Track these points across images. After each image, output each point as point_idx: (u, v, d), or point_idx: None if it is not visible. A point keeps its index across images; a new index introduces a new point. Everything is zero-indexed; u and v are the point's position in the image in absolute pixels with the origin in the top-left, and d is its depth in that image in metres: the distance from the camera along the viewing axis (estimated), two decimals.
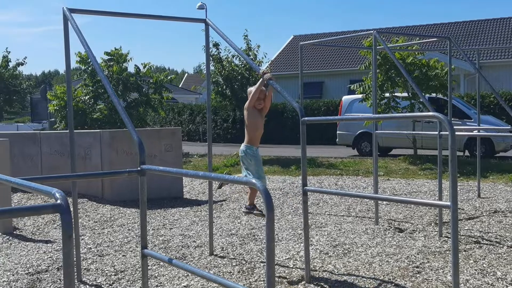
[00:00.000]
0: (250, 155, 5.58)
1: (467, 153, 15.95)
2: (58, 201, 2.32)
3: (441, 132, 6.32)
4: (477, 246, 5.95)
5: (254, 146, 5.62)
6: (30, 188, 2.64)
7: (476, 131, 10.22)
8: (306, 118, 4.52)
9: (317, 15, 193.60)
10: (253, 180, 2.83)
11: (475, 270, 5.06)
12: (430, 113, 3.65)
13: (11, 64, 24.08)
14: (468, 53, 27.33)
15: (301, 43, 8.34)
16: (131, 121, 4.16)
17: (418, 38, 13.84)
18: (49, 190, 2.42)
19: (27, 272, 5.31)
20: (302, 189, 4.74)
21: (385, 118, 5.04)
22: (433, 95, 14.80)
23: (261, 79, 5.43)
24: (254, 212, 5.72)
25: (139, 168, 3.80)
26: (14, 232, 7.10)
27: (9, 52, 23.89)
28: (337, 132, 18.33)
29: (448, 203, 3.57)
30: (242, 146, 5.66)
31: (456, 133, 3.75)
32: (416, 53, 14.04)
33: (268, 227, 2.68)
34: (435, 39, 8.03)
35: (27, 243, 6.51)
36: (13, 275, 5.22)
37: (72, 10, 4.96)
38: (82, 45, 4.81)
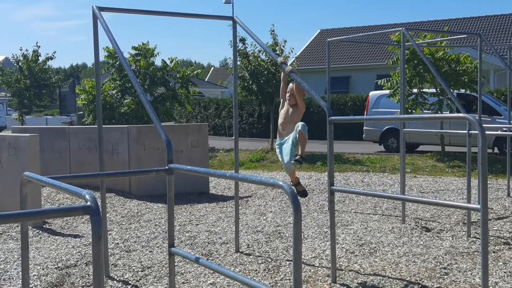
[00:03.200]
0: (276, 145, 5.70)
1: (496, 150, 15.69)
2: (88, 203, 2.35)
3: (470, 131, 6.23)
4: (507, 248, 5.86)
5: (279, 138, 5.65)
6: (61, 189, 2.68)
7: (507, 129, 10.04)
8: (333, 118, 4.49)
9: (344, 9, 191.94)
10: (280, 182, 2.82)
11: (504, 272, 4.99)
12: (460, 115, 3.60)
13: (40, 59, 24.43)
14: (499, 49, 26.84)
15: (328, 39, 8.29)
16: (158, 119, 4.20)
17: (447, 35, 13.64)
18: (79, 192, 2.46)
19: (56, 266, 5.40)
20: (329, 189, 4.72)
21: (413, 119, 4.99)
22: (462, 91, 14.58)
23: (282, 72, 5.50)
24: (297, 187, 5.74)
25: (167, 167, 3.83)
26: (44, 226, 7.22)
27: (39, 46, 24.25)
28: (364, 128, 18.20)
29: (478, 206, 3.51)
30: None
31: (486, 132, 3.70)
32: (446, 48, 13.84)
33: (296, 229, 2.67)
34: (465, 35, 7.90)
35: (57, 237, 6.62)
36: (43, 269, 5.31)
37: (101, 8, 5.01)
38: (110, 42, 4.86)
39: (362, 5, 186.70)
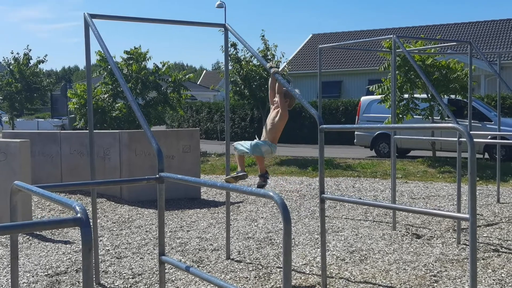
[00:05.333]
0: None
1: (486, 155, 15.79)
2: (78, 215, 2.35)
3: (460, 139, 6.27)
4: (496, 255, 5.90)
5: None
6: (51, 199, 2.68)
7: (496, 137, 10.11)
8: (324, 126, 4.51)
9: (336, 13, 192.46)
10: (271, 193, 2.83)
11: (493, 280, 5.02)
12: (450, 125, 3.63)
13: (32, 62, 24.32)
14: (489, 56, 26.99)
15: (320, 46, 8.32)
16: (149, 127, 4.20)
17: (439, 42, 13.73)
18: (69, 203, 2.46)
19: (46, 273, 5.38)
20: (320, 197, 4.74)
21: (403, 128, 5.02)
22: (453, 96, 14.68)
23: (270, 77, 5.54)
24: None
25: (157, 176, 3.83)
26: (34, 231, 7.19)
27: (30, 50, 24.13)
28: (355, 133, 18.27)
29: (467, 216, 3.54)
30: None
31: (476, 140, 3.75)
32: (436, 55, 13.94)
33: (285, 240, 2.68)
34: (455, 43, 7.95)
35: (47, 243, 6.60)
36: (33, 276, 5.29)
37: (93, 16, 5.01)
38: (102, 50, 4.86)
39: (354, 9, 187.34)
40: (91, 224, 4.20)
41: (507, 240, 6.57)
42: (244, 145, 5.60)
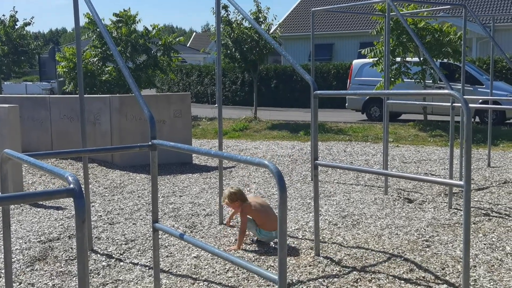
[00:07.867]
0: None
1: (477, 119, 15.83)
2: (71, 186, 2.31)
3: (453, 104, 6.25)
4: (487, 219, 5.94)
5: None
6: (43, 169, 2.63)
7: (488, 101, 10.09)
8: (318, 92, 4.46)
9: None
10: (266, 162, 2.80)
11: (484, 244, 5.07)
12: (446, 91, 3.59)
13: (18, 24, 23.88)
14: (481, 18, 26.76)
15: (313, 9, 8.19)
16: (141, 93, 4.13)
17: (431, 5, 13.53)
18: (62, 174, 2.41)
19: (39, 240, 5.37)
20: (313, 163, 4.72)
21: (397, 94, 5.00)
22: (445, 60, 14.61)
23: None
24: None
25: (150, 143, 3.78)
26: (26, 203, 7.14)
27: (16, 12, 23.66)
28: (347, 96, 18.21)
29: (461, 183, 3.54)
30: None
31: (469, 105, 3.71)
32: (429, 18, 13.80)
33: (281, 210, 2.66)
34: (449, 6, 7.86)
35: (39, 209, 6.57)
36: (26, 243, 5.28)
37: None
38: (91, 13, 4.74)
39: None
40: (84, 192, 4.16)
41: (498, 205, 6.62)
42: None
